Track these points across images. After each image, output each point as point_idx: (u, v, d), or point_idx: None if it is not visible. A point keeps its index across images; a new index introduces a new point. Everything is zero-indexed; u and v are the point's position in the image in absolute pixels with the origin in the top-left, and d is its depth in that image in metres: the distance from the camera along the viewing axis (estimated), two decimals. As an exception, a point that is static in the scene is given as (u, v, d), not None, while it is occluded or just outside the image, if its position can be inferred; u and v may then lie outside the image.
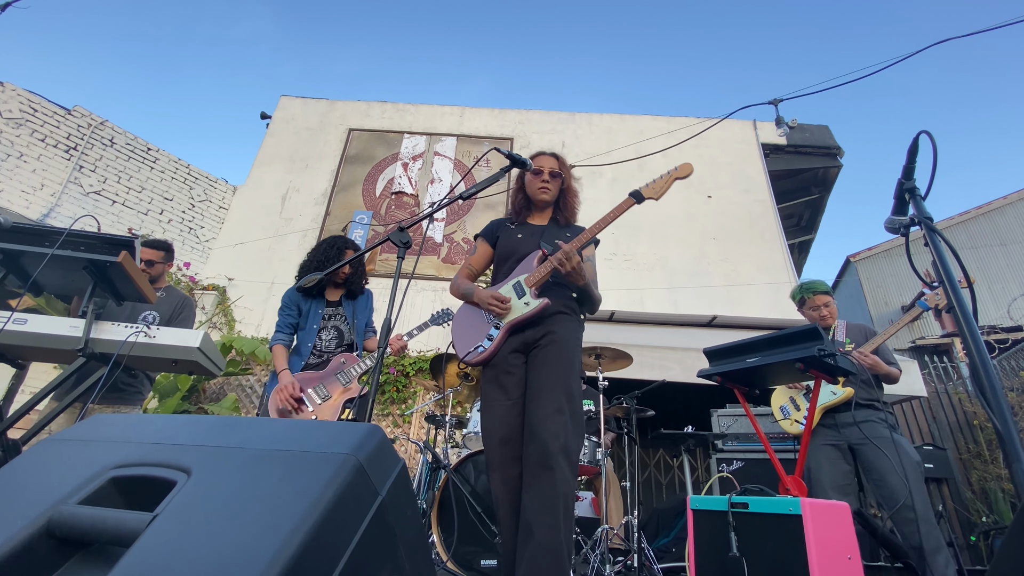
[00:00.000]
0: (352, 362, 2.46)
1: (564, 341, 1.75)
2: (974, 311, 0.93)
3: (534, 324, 1.80)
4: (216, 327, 6.25)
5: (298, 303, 2.54)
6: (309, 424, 0.72)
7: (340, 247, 2.63)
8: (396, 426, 5.48)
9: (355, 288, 2.63)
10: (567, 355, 1.73)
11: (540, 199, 1.99)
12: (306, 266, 2.62)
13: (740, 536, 1.72)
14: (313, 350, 2.48)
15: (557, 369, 1.68)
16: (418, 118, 8.05)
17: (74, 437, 0.74)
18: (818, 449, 2.55)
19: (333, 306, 2.59)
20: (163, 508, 0.59)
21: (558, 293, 1.85)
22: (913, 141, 1.13)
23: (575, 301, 1.90)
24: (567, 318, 1.83)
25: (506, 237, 1.99)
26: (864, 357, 2.54)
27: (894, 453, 2.31)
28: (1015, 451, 0.71)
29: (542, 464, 1.53)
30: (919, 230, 1.12)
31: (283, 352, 2.43)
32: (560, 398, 1.63)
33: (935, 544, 2.13)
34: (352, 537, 0.58)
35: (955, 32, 4.63)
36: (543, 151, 2.06)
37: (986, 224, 9.62)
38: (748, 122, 7.95)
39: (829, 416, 2.56)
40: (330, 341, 2.52)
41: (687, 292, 6.47)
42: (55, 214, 5.81)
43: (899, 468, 2.26)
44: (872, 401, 2.54)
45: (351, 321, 2.58)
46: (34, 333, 1.67)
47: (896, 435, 2.43)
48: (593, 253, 2.02)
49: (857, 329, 2.76)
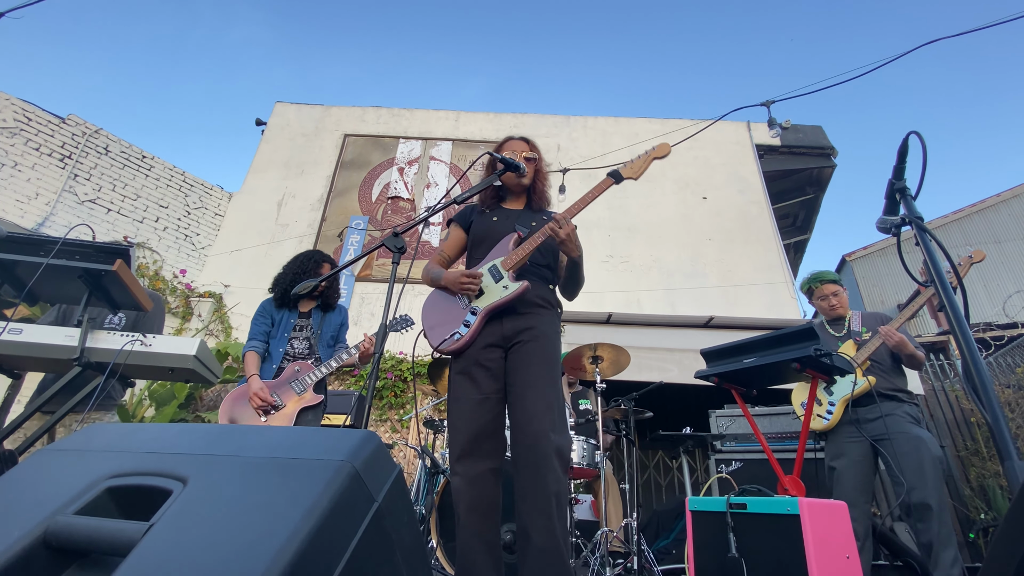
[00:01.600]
0: (307, 370, 2.48)
1: (546, 337, 1.70)
2: (965, 309, 0.94)
3: (512, 314, 1.73)
4: (212, 334, 6.23)
5: (271, 313, 2.63)
6: (305, 431, 0.72)
7: (317, 260, 2.72)
8: (394, 431, 5.47)
9: (330, 301, 2.70)
10: (550, 352, 1.68)
11: (516, 183, 1.93)
12: (281, 279, 2.69)
13: (739, 537, 1.73)
14: (284, 356, 2.53)
15: (542, 367, 1.64)
16: (413, 123, 8.06)
17: (70, 447, 0.74)
18: (842, 447, 2.45)
19: (304, 317, 2.65)
20: (159, 517, 0.59)
21: (536, 282, 1.78)
22: (903, 142, 1.14)
23: (553, 293, 1.85)
24: (546, 312, 1.77)
25: (480, 221, 1.93)
26: (890, 336, 2.43)
27: (913, 449, 2.24)
28: (1006, 448, 0.71)
29: (534, 465, 1.50)
30: (911, 229, 1.13)
31: (254, 359, 2.48)
32: (548, 395, 1.59)
33: (947, 542, 2.09)
34: (348, 544, 0.58)
35: (946, 31, 4.66)
36: (512, 136, 2.02)
37: (980, 222, 9.68)
38: (742, 123, 7.99)
39: (850, 411, 2.47)
40: (302, 349, 2.57)
41: (684, 293, 6.49)
42: (50, 223, 5.80)
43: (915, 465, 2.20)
44: (895, 392, 2.45)
45: (317, 332, 2.61)
46: (30, 343, 1.67)
47: (917, 429, 2.34)
48: None
49: (873, 318, 2.68)
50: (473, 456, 1.59)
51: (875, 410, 2.40)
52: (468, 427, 1.62)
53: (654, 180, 7.54)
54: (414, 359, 2.84)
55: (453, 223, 2.01)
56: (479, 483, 1.58)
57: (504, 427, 1.67)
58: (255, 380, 2.39)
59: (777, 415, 3.73)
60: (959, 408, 5.19)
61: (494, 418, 1.65)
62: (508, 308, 1.73)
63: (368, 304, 6.44)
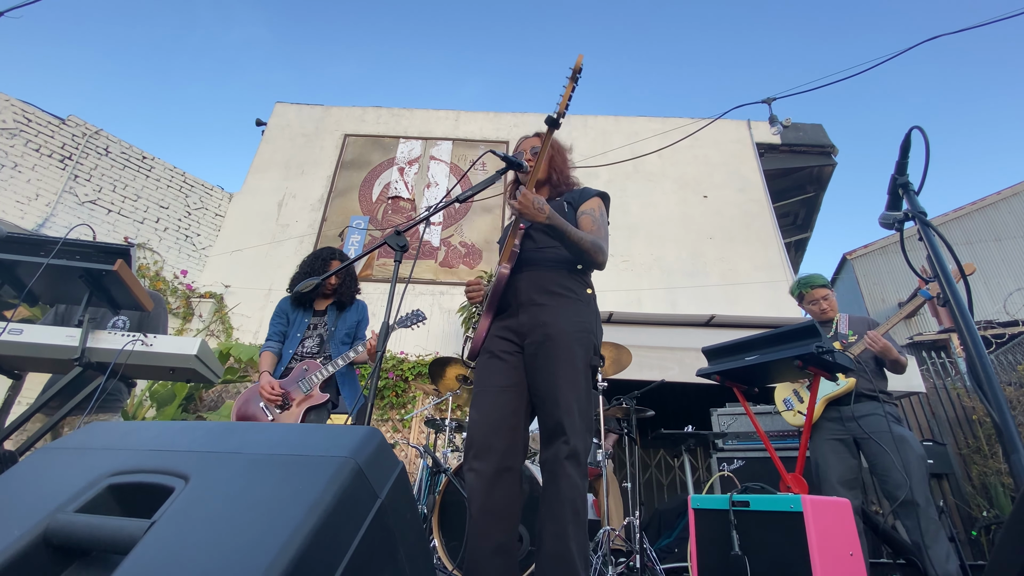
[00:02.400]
0: (314, 369, 2.47)
1: (562, 334, 1.59)
2: (969, 303, 0.94)
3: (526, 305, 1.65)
4: (213, 334, 6.23)
5: (288, 312, 2.63)
6: (307, 427, 0.72)
7: (326, 258, 2.70)
8: (396, 431, 5.47)
9: (344, 299, 2.67)
10: (565, 352, 1.57)
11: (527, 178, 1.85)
12: (296, 278, 2.68)
13: (742, 534, 1.72)
14: (293, 356, 2.53)
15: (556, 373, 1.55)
16: (413, 123, 8.06)
17: (71, 445, 0.74)
18: (823, 444, 2.52)
19: (319, 315, 2.64)
20: (160, 515, 0.58)
21: (549, 270, 1.69)
22: (905, 137, 1.14)
23: (574, 277, 1.72)
24: (566, 301, 1.65)
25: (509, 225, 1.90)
26: (875, 342, 2.49)
27: (894, 449, 2.30)
28: (1013, 442, 0.71)
29: (550, 471, 1.49)
30: (913, 225, 1.12)
31: (268, 358, 2.51)
32: (568, 399, 1.52)
33: (935, 538, 2.14)
34: (352, 540, 0.58)
35: (946, 28, 4.64)
36: (526, 135, 1.99)
37: (981, 220, 9.67)
38: (742, 122, 7.98)
39: (833, 409, 2.54)
40: (312, 348, 2.56)
41: (685, 292, 6.48)
42: (50, 224, 5.79)
43: (899, 463, 2.26)
44: (875, 392, 2.51)
45: (332, 330, 2.60)
46: (31, 343, 1.67)
47: (900, 428, 2.41)
48: (596, 206, 1.84)
49: (860, 321, 2.74)
50: (490, 452, 1.51)
51: (857, 409, 2.47)
52: (484, 419, 1.56)
53: (655, 179, 7.53)
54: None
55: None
56: (495, 483, 1.48)
57: (524, 425, 1.61)
58: (264, 376, 2.42)
59: (779, 413, 3.72)
60: (960, 406, 5.19)
61: (512, 412, 1.57)
62: (517, 300, 1.67)
63: (368, 304, 6.42)
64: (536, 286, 1.68)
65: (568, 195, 1.89)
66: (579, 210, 1.83)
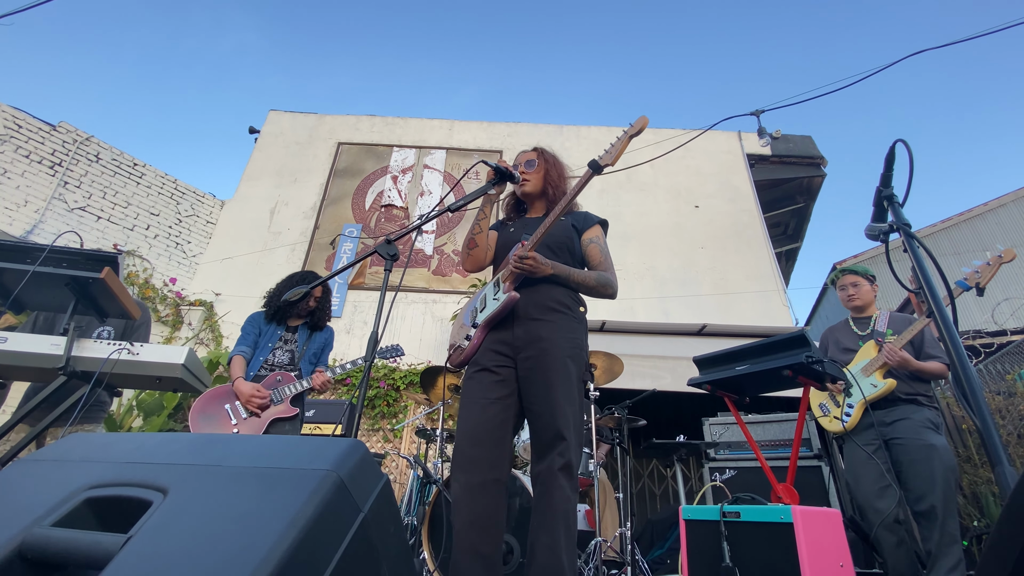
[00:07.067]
0: (288, 381, 2.49)
1: (557, 348, 1.62)
2: (954, 316, 0.95)
3: (522, 320, 1.68)
4: (203, 343, 6.17)
5: (260, 324, 2.65)
6: (289, 439, 0.71)
7: (309, 282, 2.72)
8: (387, 441, 5.42)
9: (318, 321, 2.72)
10: (560, 365, 1.60)
11: (522, 192, 1.91)
12: (272, 296, 2.72)
13: (733, 545, 1.72)
14: (264, 364, 2.54)
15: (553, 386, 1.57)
16: (407, 131, 8.08)
17: (48, 457, 0.73)
18: (852, 457, 2.42)
19: (291, 331, 2.68)
20: (137, 529, 0.57)
21: (547, 286, 1.72)
22: (890, 150, 1.15)
23: (571, 294, 1.76)
24: (562, 317, 1.69)
25: (502, 233, 1.93)
26: (891, 355, 2.39)
27: (922, 458, 2.22)
28: (997, 454, 0.71)
29: (542, 483, 1.50)
30: (899, 237, 1.14)
31: (240, 362, 2.51)
32: (565, 413, 1.54)
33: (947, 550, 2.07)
34: (333, 555, 0.57)
35: (935, 41, 4.72)
36: (524, 150, 2.01)
37: (968, 231, 9.79)
38: (733, 133, 8.07)
39: (869, 415, 2.42)
40: (283, 359, 2.59)
41: (677, 301, 6.51)
42: (39, 230, 5.74)
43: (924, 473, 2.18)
44: (915, 395, 2.40)
45: (302, 349, 2.62)
46: (14, 351, 1.64)
47: (932, 436, 2.29)
48: (600, 234, 1.91)
49: (901, 319, 2.60)
50: (476, 464, 1.51)
51: (892, 413, 2.38)
52: (471, 431, 1.57)
53: (647, 189, 7.59)
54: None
55: (492, 229, 1.98)
56: (480, 494, 1.48)
57: (510, 438, 1.61)
58: (240, 383, 2.42)
59: (770, 423, 3.73)
60: (950, 415, 5.20)
61: (499, 425, 1.57)
62: (514, 315, 1.70)
63: (360, 312, 6.41)
64: (534, 301, 1.70)
65: (572, 217, 1.93)
66: (584, 236, 1.88)
